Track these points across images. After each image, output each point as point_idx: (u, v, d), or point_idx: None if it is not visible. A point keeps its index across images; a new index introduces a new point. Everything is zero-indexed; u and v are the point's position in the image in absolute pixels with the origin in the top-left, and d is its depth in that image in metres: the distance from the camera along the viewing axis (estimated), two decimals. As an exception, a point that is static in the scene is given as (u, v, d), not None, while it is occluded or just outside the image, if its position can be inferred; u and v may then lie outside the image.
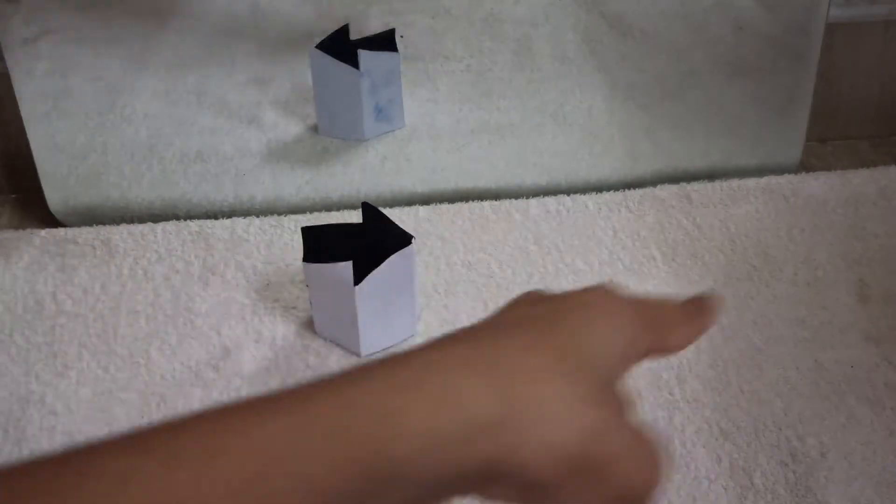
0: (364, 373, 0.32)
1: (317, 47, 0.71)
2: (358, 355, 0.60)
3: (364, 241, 0.59)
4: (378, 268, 0.57)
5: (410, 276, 0.60)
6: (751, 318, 0.64)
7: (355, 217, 0.70)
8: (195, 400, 0.57)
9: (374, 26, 0.75)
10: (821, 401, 0.59)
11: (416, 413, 0.31)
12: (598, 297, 0.37)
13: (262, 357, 0.60)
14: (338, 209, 0.71)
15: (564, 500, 0.33)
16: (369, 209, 0.60)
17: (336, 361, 0.60)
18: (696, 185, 0.74)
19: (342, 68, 0.71)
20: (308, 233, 0.59)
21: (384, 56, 0.73)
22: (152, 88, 0.76)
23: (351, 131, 0.74)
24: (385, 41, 0.73)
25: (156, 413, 0.56)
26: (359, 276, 0.56)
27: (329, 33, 0.72)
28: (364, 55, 0.71)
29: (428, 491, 0.31)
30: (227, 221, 0.69)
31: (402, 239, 0.58)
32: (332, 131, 0.75)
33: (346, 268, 0.56)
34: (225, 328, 0.62)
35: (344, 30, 0.73)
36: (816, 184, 0.75)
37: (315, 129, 0.75)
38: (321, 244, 0.59)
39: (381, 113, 0.75)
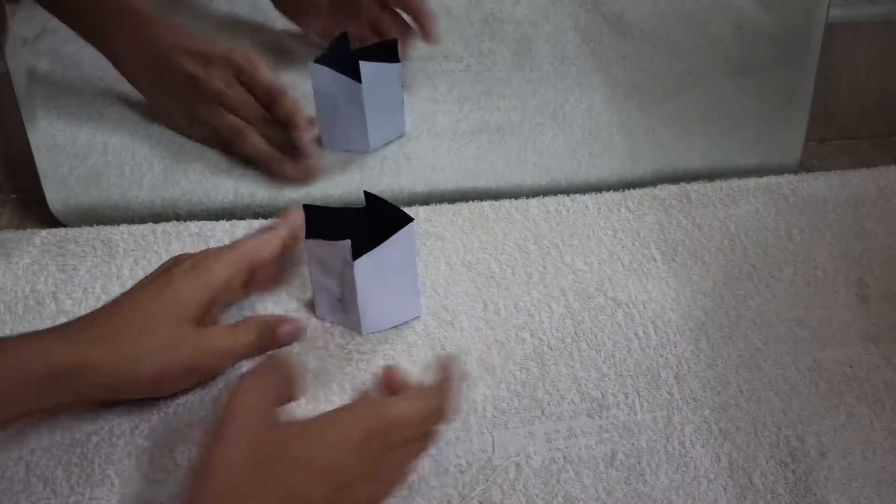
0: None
1: (316, 61, 0.70)
2: (360, 334, 0.61)
3: (366, 223, 0.60)
4: (379, 246, 0.57)
5: (412, 256, 0.60)
6: (750, 318, 0.64)
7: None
8: (195, 395, 0.57)
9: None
10: (820, 400, 0.59)
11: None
12: None
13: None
14: (338, 209, 0.71)
15: None
16: (371, 197, 0.60)
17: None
18: (695, 185, 0.74)
19: (344, 81, 0.70)
20: (311, 211, 0.59)
21: (385, 67, 0.72)
22: (152, 88, 0.76)
23: (355, 143, 0.74)
24: (386, 50, 0.72)
25: (156, 411, 0.56)
26: (357, 253, 0.57)
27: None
28: (365, 67, 0.70)
29: None
30: (226, 224, 0.69)
31: (403, 219, 0.58)
32: (337, 144, 0.74)
33: (344, 246, 0.57)
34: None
35: (343, 38, 0.72)
36: (816, 184, 0.75)
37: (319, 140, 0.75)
38: (324, 224, 0.59)
39: (383, 124, 0.74)
